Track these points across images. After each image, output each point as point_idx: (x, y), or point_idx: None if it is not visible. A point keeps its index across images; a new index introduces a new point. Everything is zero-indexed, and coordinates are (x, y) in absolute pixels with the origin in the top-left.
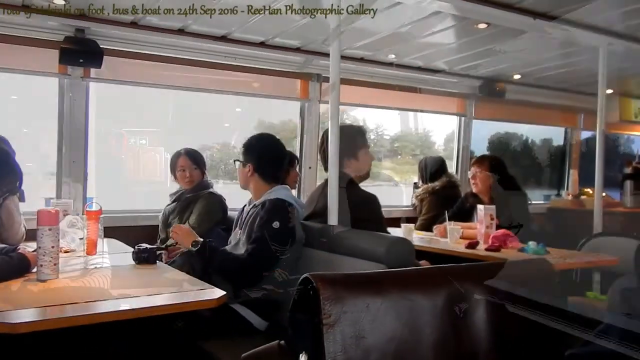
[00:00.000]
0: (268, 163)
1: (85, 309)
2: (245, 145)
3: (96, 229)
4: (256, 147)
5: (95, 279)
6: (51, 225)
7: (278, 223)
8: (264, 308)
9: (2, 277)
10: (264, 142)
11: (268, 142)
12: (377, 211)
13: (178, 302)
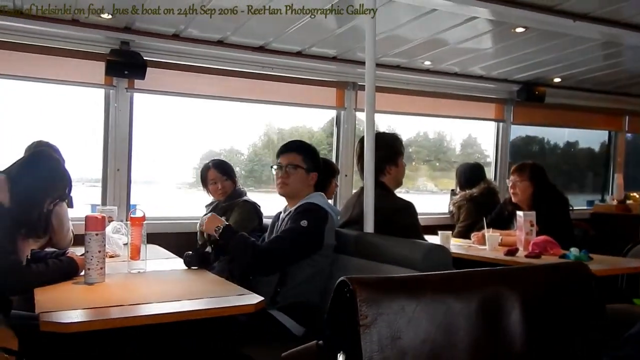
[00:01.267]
0: (322, 176)
1: (130, 311)
2: (311, 152)
3: (140, 235)
4: (318, 158)
5: (138, 283)
6: (98, 230)
7: (306, 222)
8: (301, 314)
9: (53, 279)
10: (316, 151)
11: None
12: (414, 218)
13: (217, 307)
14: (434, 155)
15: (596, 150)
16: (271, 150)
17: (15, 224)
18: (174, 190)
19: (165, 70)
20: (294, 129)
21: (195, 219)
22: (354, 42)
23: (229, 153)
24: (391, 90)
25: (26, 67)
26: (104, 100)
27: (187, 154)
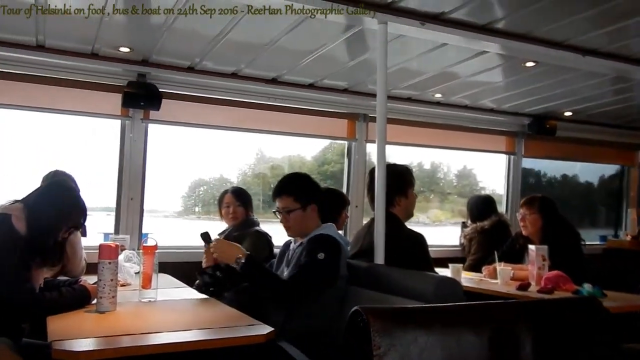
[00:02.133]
0: (323, 201)
1: (141, 340)
2: (300, 187)
3: (151, 264)
4: (315, 186)
5: (149, 312)
6: (111, 259)
7: (323, 255)
8: (311, 345)
9: (65, 307)
10: (314, 180)
11: (314, 180)
12: (424, 250)
13: (227, 337)
14: (427, 186)
15: (608, 185)
16: (261, 180)
17: (30, 252)
18: (161, 219)
19: (180, 101)
20: (285, 158)
21: None
22: (365, 75)
23: (218, 182)
24: (402, 122)
25: (45, 99)
26: (120, 130)
27: (175, 182)
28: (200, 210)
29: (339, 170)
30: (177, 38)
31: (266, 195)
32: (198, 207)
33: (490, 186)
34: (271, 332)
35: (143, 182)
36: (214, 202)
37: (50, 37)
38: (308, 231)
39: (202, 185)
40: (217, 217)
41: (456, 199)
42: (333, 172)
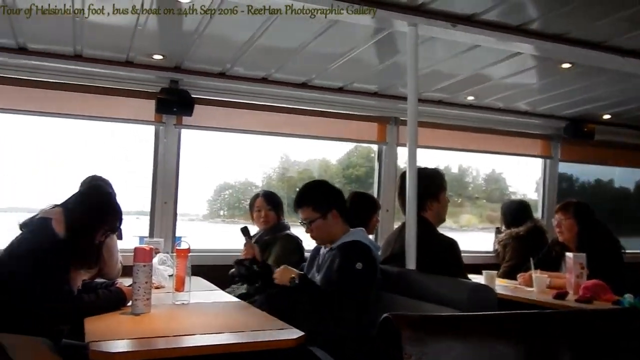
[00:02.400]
0: (345, 203)
1: (174, 342)
2: (316, 196)
3: (184, 267)
4: (332, 192)
5: (182, 315)
6: (146, 262)
7: (361, 265)
8: (341, 350)
9: (102, 309)
10: (333, 186)
11: (333, 185)
12: (457, 256)
13: (258, 341)
14: (455, 190)
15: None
16: (286, 183)
17: (69, 254)
18: (187, 222)
19: (211, 107)
20: (310, 162)
21: (239, 251)
22: (396, 78)
23: (243, 185)
24: (433, 125)
25: (83, 107)
26: (154, 136)
27: (201, 186)
28: (225, 214)
29: (363, 173)
30: (209, 44)
31: (291, 199)
32: (223, 211)
33: (521, 190)
34: (302, 337)
35: (176, 186)
36: (239, 206)
37: (87, 47)
38: (336, 237)
39: (227, 189)
40: (241, 221)
41: (485, 204)
42: (358, 176)
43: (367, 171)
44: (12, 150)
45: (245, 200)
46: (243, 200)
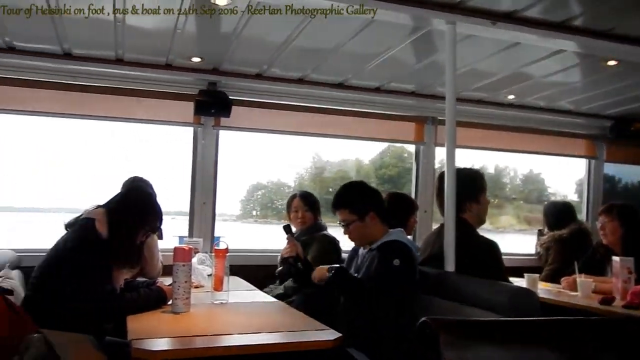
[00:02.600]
0: (383, 204)
1: (213, 341)
2: (354, 198)
3: (223, 267)
4: (370, 194)
5: (221, 314)
6: (185, 261)
7: (398, 261)
8: (379, 352)
9: (144, 308)
10: (371, 187)
11: (371, 187)
12: (498, 259)
13: (296, 341)
14: (490, 191)
15: None
16: (318, 184)
17: (111, 254)
18: (220, 222)
19: (248, 108)
20: (342, 162)
21: (276, 251)
22: (433, 77)
23: (276, 186)
24: (472, 125)
25: (124, 109)
26: (193, 137)
27: (235, 186)
28: (258, 214)
29: (396, 173)
30: (246, 46)
31: (323, 200)
32: (256, 211)
33: (561, 191)
34: (339, 338)
35: (215, 187)
36: (271, 206)
37: (128, 51)
38: (374, 239)
39: (260, 189)
40: (274, 221)
41: (522, 205)
42: (390, 176)
43: (400, 171)
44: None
45: (278, 201)
46: (275, 200)
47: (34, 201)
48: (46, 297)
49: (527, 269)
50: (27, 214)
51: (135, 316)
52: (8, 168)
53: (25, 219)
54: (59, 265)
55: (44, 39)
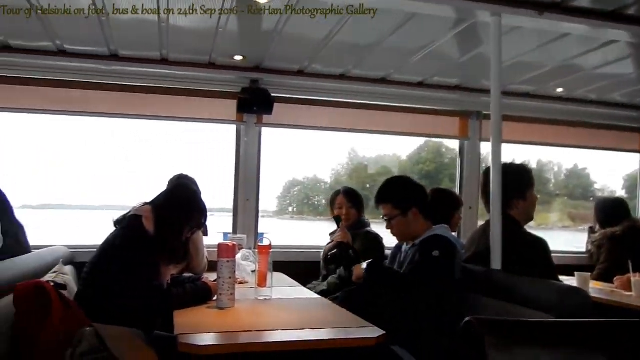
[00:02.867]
0: (427, 201)
1: (258, 337)
2: (397, 192)
3: (266, 263)
4: (413, 189)
5: (265, 310)
6: (229, 257)
7: (438, 252)
8: (423, 351)
9: (189, 303)
10: (415, 183)
11: (415, 182)
12: (547, 257)
13: (338, 338)
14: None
15: None
16: (354, 180)
17: (158, 250)
18: (220, 217)
19: (290, 105)
20: (379, 157)
21: (319, 248)
22: (478, 70)
23: (312, 182)
24: (519, 119)
25: (168, 108)
26: (236, 135)
27: (272, 183)
28: (294, 210)
29: (433, 169)
30: (287, 43)
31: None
32: (292, 207)
33: (608, 187)
34: (382, 335)
35: (258, 184)
36: (307, 202)
37: (172, 51)
38: (417, 234)
39: (296, 185)
40: (309, 217)
41: (566, 201)
42: (428, 171)
43: (438, 167)
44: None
45: (314, 197)
46: (312, 196)
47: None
48: (97, 293)
49: (577, 267)
50: (78, 212)
51: (181, 311)
52: (60, 167)
53: (77, 217)
54: (109, 261)
55: (92, 42)
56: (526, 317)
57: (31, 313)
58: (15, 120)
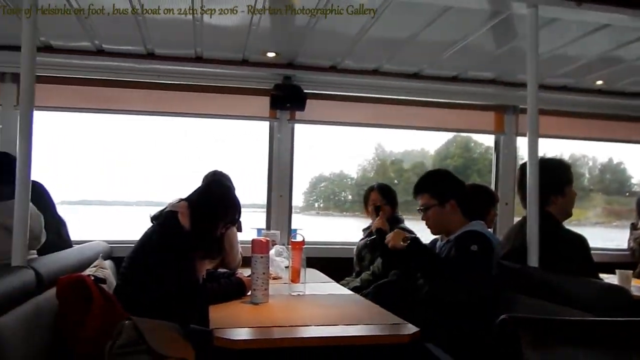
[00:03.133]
0: (465, 196)
1: (291, 332)
2: (436, 183)
3: (299, 259)
4: (453, 182)
5: (298, 306)
6: (263, 253)
7: (476, 247)
8: (459, 349)
9: (224, 298)
10: (455, 177)
11: (454, 176)
12: (586, 254)
13: (372, 334)
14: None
15: None
16: (381, 176)
17: (194, 246)
18: (253, 213)
19: (323, 101)
20: (406, 153)
21: (352, 244)
22: (514, 64)
23: (338, 177)
24: (556, 113)
25: (203, 106)
26: (269, 131)
27: (299, 179)
28: (321, 206)
29: (461, 164)
30: (320, 39)
31: None
32: (318, 203)
33: None
34: (416, 332)
35: (291, 180)
36: (333, 198)
37: (206, 49)
38: (452, 228)
39: (322, 181)
40: (335, 213)
41: (600, 196)
42: (455, 167)
43: (465, 162)
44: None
45: (340, 193)
46: (338, 192)
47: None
48: (134, 287)
49: (618, 264)
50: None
51: (216, 306)
52: (100, 164)
53: (116, 212)
54: (146, 256)
55: (129, 41)
56: (564, 315)
57: (73, 306)
58: (53, 119)
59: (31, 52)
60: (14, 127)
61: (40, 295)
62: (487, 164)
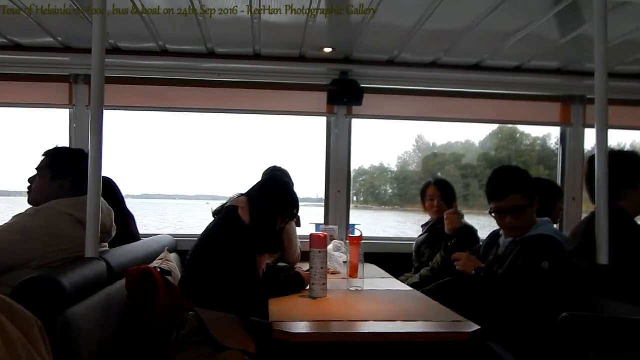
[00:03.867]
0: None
1: (349, 327)
2: (525, 181)
3: (357, 254)
4: (529, 179)
5: (356, 301)
6: (321, 248)
7: (547, 264)
8: (522, 348)
9: (284, 292)
10: (527, 174)
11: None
12: None
13: (431, 331)
14: None
15: None
16: (422, 169)
17: (254, 240)
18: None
19: (380, 95)
20: (448, 145)
21: (411, 240)
22: (582, 52)
23: (378, 170)
24: (628, 103)
25: (262, 102)
26: (326, 127)
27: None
28: (360, 200)
29: (505, 156)
30: (376, 33)
31: None
32: (357, 197)
33: None
34: (477, 330)
35: (349, 176)
36: (372, 192)
37: (264, 47)
38: (527, 228)
39: (362, 175)
40: (374, 207)
41: None
42: (499, 159)
43: (510, 154)
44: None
45: (379, 186)
46: (377, 185)
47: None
48: (198, 279)
49: None
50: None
51: (276, 299)
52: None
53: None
54: (208, 250)
55: (191, 41)
56: (632, 316)
57: (141, 296)
58: (119, 117)
59: (101, 53)
60: (86, 126)
61: (111, 286)
62: (533, 156)
